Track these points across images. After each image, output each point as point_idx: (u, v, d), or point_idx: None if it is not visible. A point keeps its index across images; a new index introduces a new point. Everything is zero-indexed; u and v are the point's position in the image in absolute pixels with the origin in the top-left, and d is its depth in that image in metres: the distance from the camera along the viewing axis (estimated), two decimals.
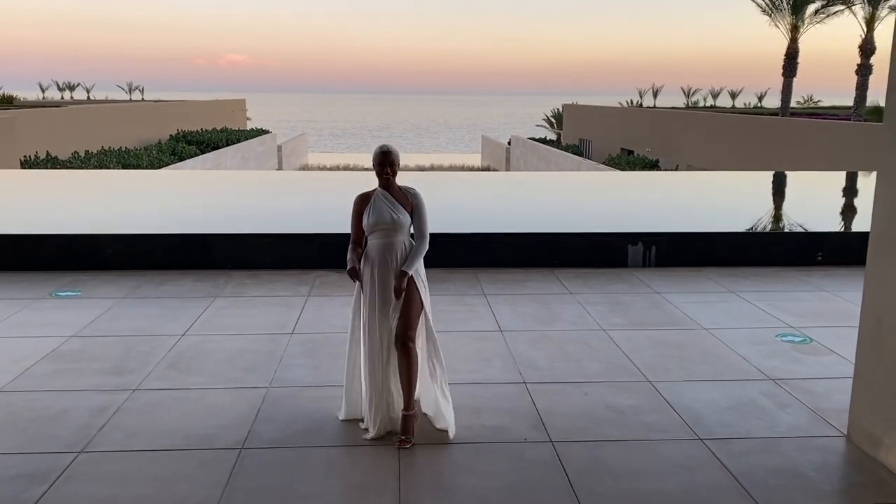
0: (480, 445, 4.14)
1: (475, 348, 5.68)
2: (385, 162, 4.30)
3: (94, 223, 9.10)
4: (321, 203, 11.08)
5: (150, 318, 6.35)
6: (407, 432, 4.14)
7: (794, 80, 34.27)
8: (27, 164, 25.61)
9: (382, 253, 4.26)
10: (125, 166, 28.58)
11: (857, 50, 29.84)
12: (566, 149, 43.04)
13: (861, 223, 9.33)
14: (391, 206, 4.29)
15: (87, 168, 26.67)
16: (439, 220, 9.74)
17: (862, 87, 30.03)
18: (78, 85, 68.68)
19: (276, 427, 4.34)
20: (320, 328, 6.12)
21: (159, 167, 29.59)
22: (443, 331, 5.98)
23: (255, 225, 9.03)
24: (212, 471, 3.85)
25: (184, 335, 5.92)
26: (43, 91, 68.77)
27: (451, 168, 50.82)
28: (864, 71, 29.87)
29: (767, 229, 9.69)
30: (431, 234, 8.75)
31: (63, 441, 4.14)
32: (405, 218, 4.28)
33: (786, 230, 9.57)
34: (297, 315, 6.45)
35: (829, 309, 6.78)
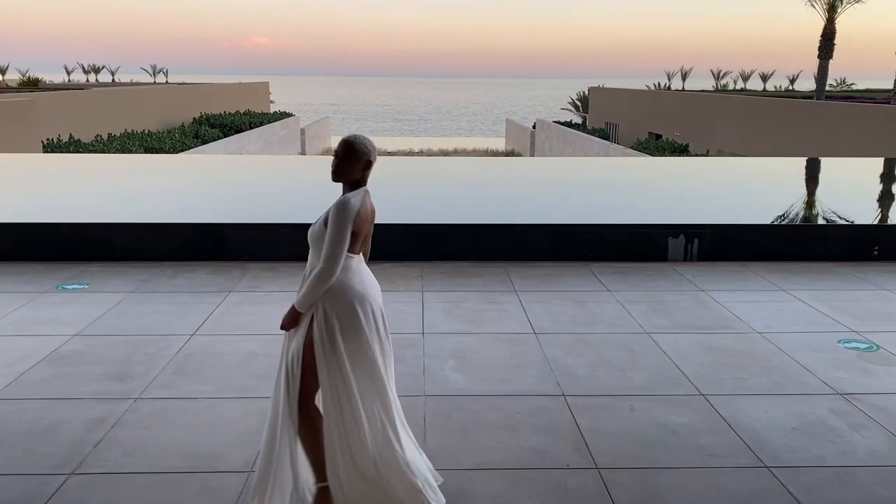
0: (517, 473, 3.67)
1: (507, 353, 5.21)
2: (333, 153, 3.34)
3: (106, 211, 8.73)
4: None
5: (159, 315, 5.95)
6: None
7: (830, 62, 33.25)
8: (49, 147, 25.46)
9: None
10: (147, 149, 28.39)
11: None
12: (592, 133, 42.22)
13: None
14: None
15: (108, 151, 26.49)
16: (465, 210, 9.35)
17: None
18: (103, 68, 68.81)
19: None
20: None
21: (182, 150, 29.37)
22: (471, 332, 5.55)
23: (273, 214, 8.60)
24: (215, 499, 3.43)
25: (193, 335, 5.51)
26: (68, 74, 69.03)
27: (475, 152, 50.22)
28: None
29: (816, 221, 9.09)
30: (457, 226, 8.36)
31: (53, 460, 3.74)
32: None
33: (836, 222, 8.94)
34: None
35: (894, 311, 6.21)
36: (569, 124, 48.93)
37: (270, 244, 7.72)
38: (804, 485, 3.57)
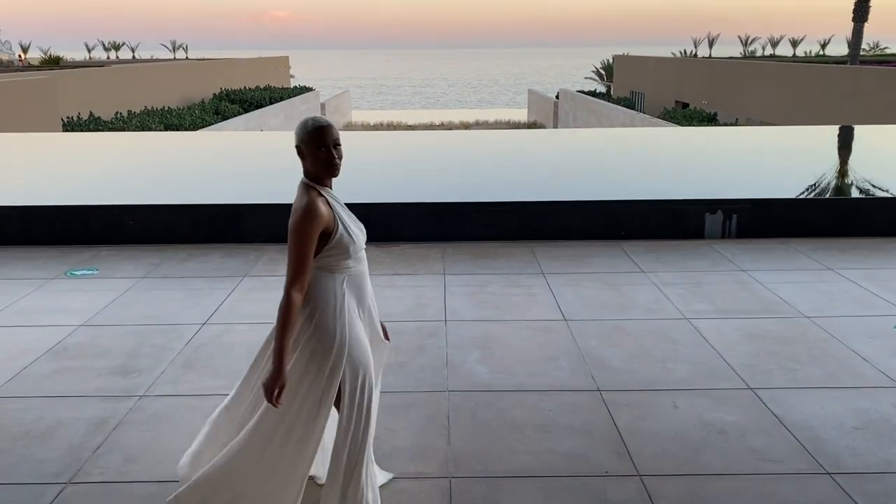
0: (551, 481, 3.34)
1: (536, 343, 4.86)
2: (335, 143, 2.79)
3: (119, 192, 8.47)
4: (360, 166, 10.28)
5: (170, 302, 5.68)
6: None
7: (865, 25, 32.07)
8: (69, 125, 25.36)
9: (364, 292, 2.95)
10: (167, 126, 28.22)
11: None
12: (617, 102, 41.35)
13: None
14: (350, 215, 2.93)
15: (128, 128, 26.35)
16: (488, 187, 8.96)
17: None
18: (123, 44, 68.57)
19: None
20: None
21: (202, 127, 29.16)
22: (497, 319, 5.22)
23: (288, 193, 8.28)
24: None
25: (205, 324, 5.23)
26: (89, 51, 68.87)
27: (497, 124, 49.53)
28: None
29: (858, 194, 8.57)
30: (480, 204, 7.98)
31: (50, 467, 3.47)
32: None
33: (881, 195, 8.42)
34: None
35: None
36: (593, 93, 48.01)
37: (287, 225, 7.39)
38: (872, 495, 3.20)
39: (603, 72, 56.49)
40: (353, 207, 7.43)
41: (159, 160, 11.08)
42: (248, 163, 10.79)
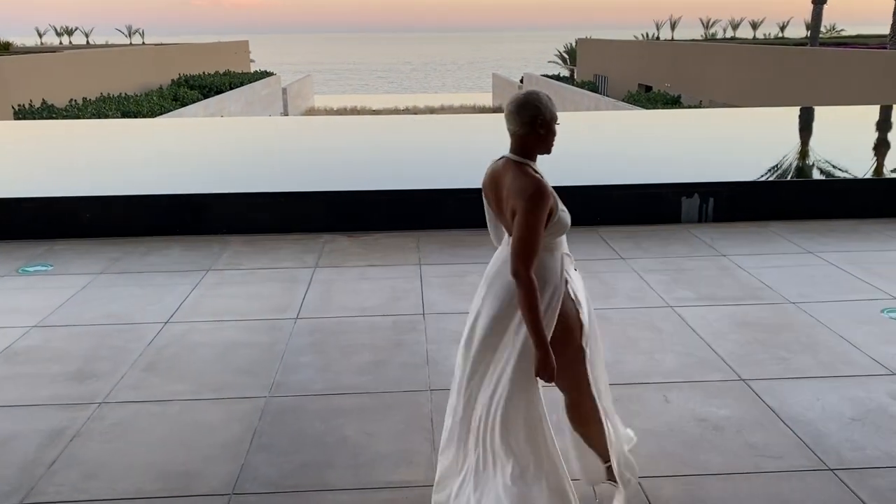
0: None
1: None
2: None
3: (75, 183, 8.06)
4: (327, 153, 9.96)
5: (129, 299, 5.36)
6: None
7: (825, 6, 32.44)
8: (21, 113, 24.46)
9: (570, 269, 2.82)
10: (124, 114, 27.40)
11: None
12: (581, 86, 41.37)
13: None
14: None
15: (83, 116, 25.50)
16: (459, 173, 8.71)
17: None
18: (76, 29, 66.61)
19: (277, 459, 3.36)
20: (330, 310, 5.11)
21: (160, 114, 28.39)
22: None
23: (254, 182, 7.96)
24: None
25: (167, 323, 4.93)
26: (40, 36, 66.80)
27: (462, 109, 49.24)
28: None
29: (828, 175, 8.53)
30: (453, 191, 7.75)
31: (1, 485, 3.18)
32: None
33: (853, 176, 8.39)
34: (303, 293, 5.44)
35: None
36: (557, 77, 47.97)
37: (251, 215, 7.10)
38: (878, 491, 3.07)
39: (566, 56, 56.44)
40: (322, 195, 7.14)
41: (116, 149, 10.62)
42: (209, 150, 10.40)
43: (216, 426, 3.64)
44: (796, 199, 7.46)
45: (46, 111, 25.49)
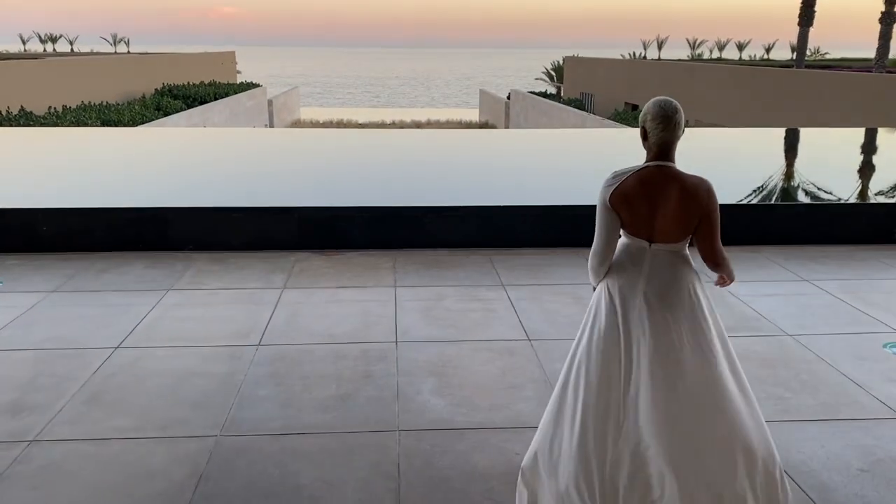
0: None
1: (498, 368, 4.32)
2: None
3: (34, 194, 7.65)
4: (303, 167, 9.62)
5: (79, 321, 4.96)
6: None
7: (811, 29, 32.59)
8: None
9: None
10: (105, 122, 26.88)
11: None
12: (568, 103, 41.26)
13: None
14: None
15: (62, 124, 24.98)
16: (444, 189, 8.41)
17: (886, 37, 28.27)
18: (60, 37, 65.96)
19: None
20: (295, 337, 4.74)
21: (142, 123, 27.91)
22: (454, 339, 4.66)
23: (225, 195, 7.59)
24: None
25: (117, 348, 4.54)
26: (24, 43, 66.12)
27: (449, 124, 49.06)
28: (888, 19, 28.11)
29: (823, 199, 8.28)
30: (433, 208, 7.42)
31: None
32: None
33: (846, 201, 8.15)
34: (268, 317, 5.07)
35: None
36: (544, 94, 47.90)
37: (220, 231, 6.72)
38: None
39: (553, 73, 56.50)
40: (295, 211, 6.76)
41: (83, 158, 10.21)
42: (181, 162, 10.01)
43: (156, 471, 3.25)
44: (789, 224, 7.20)
45: (24, 118, 24.97)
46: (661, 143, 2.60)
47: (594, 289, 2.84)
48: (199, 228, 6.71)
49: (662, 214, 2.58)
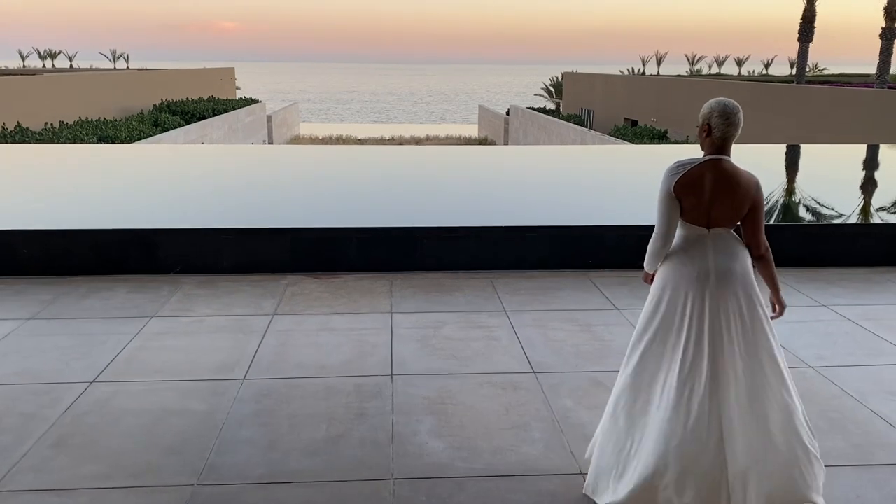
0: None
1: (501, 405, 4.01)
2: None
3: (14, 214, 7.36)
4: (300, 186, 9.34)
5: (54, 353, 4.65)
6: None
7: (811, 45, 32.53)
8: None
9: None
10: (101, 138, 26.66)
11: (881, 13, 27.91)
12: (567, 119, 41.13)
13: None
14: None
15: (57, 140, 24.75)
16: (443, 208, 8.13)
17: (886, 53, 28.14)
18: (60, 53, 65.98)
19: None
20: (283, 369, 4.43)
21: (139, 139, 27.68)
22: (454, 372, 4.35)
23: (215, 216, 7.29)
24: None
25: (92, 383, 4.23)
26: (23, 59, 66.13)
27: (448, 140, 48.94)
28: (888, 35, 27.98)
29: (838, 218, 8.00)
30: (432, 229, 7.14)
31: None
32: None
33: (861, 220, 7.87)
34: (256, 347, 4.76)
35: None
36: (543, 110, 47.81)
37: (210, 253, 6.43)
38: None
39: (552, 89, 56.49)
40: (288, 232, 6.45)
41: (70, 176, 9.92)
42: (172, 181, 9.72)
43: None
44: (802, 245, 6.90)
45: (20, 134, 24.74)
46: (724, 138, 2.89)
47: (647, 278, 3.15)
48: (188, 250, 6.41)
49: (721, 203, 2.86)
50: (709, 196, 2.85)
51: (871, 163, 12.42)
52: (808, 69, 53.91)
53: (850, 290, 6.06)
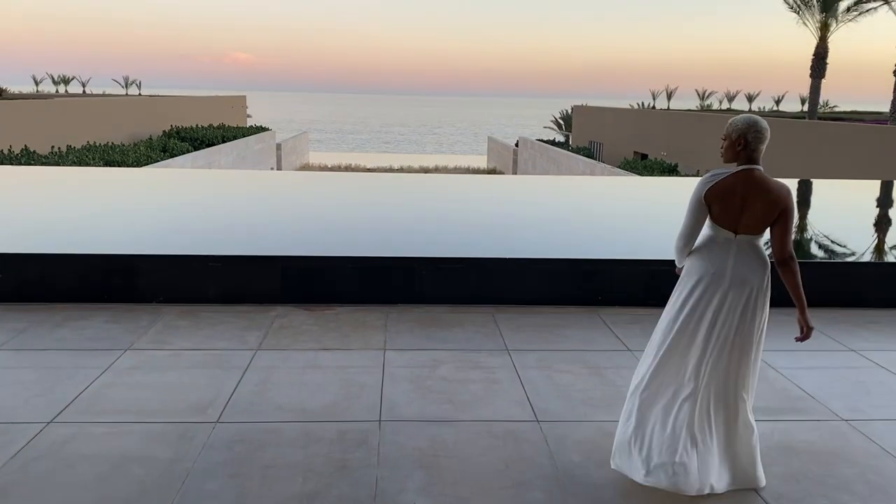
0: None
1: (500, 459, 3.58)
2: None
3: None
4: (294, 213, 9.00)
5: (13, 388, 4.27)
6: None
7: (823, 81, 32.35)
8: None
9: None
10: (108, 163, 26.55)
11: (895, 50, 27.69)
12: (577, 151, 40.93)
13: None
14: None
15: (63, 164, 24.62)
16: (443, 238, 7.75)
17: None
18: (73, 78, 66.57)
19: None
20: (261, 412, 4.02)
21: (147, 164, 27.56)
22: (449, 419, 3.94)
23: (203, 242, 6.93)
24: None
25: (50, 423, 3.84)
26: (37, 84, 66.70)
27: (456, 170, 48.78)
28: None
29: (861, 256, 7.59)
30: (432, 259, 6.80)
31: None
32: None
33: (887, 259, 7.45)
34: (234, 385, 4.36)
35: None
36: (552, 142, 47.70)
37: (194, 282, 6.06)
38: None
39: (562, 121, 56.50)
40: (278, 260, 6.06)
41: (56, 199, 9.61)
42: (162, 205, 9.37)
43: None
44: (825, 283, 6.48)
45: (27, 157, 24.64)
46: (757, 151, 3.12)
47: (677, 271, 3.44)
48: (172, 278, 6.05)
49: (751, 210, 3.09)
50: (740, 202, 3.08)
51: (882, 199, 12.01)
52: (820, 106, 53.82)
53: (880, 333, 5.64)
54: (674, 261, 3.48)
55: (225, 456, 3.53)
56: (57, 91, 64.51)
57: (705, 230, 3.21)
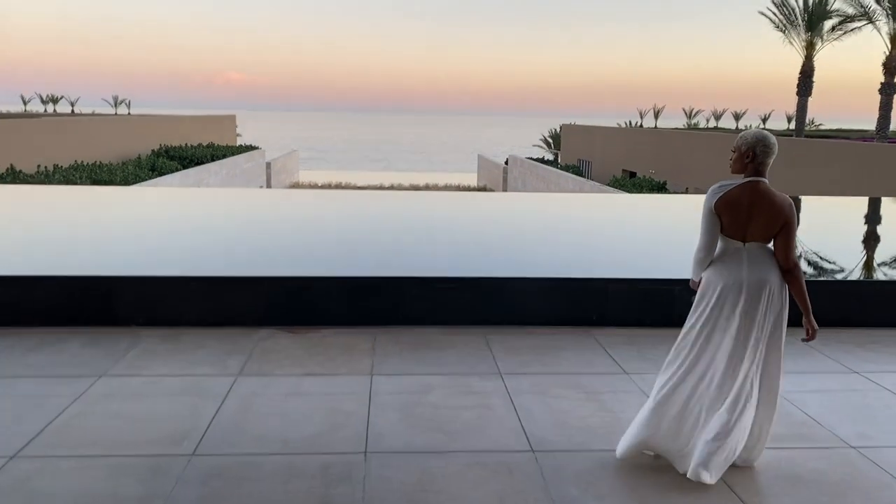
0: None
1: (494, 493, 3.38)
2: None
3: None
4: (279, 232, 8.79)
5: None
6: None
7: (809, 99, 32.58)
8: None
9: None
10: (95, 182, 26.28)
11: (880, 68, 27.90)
12: (566, 169, 40.96)
13: None
14: None
15: (49, 183, 24.34)
16: (434, 258, 7.56)
17: (886, 108, 28.03)
18: (62, 98, 66.31)
19: None
20: (240, 443, 3.80)
21: (135, 183, 27.31)
22: (439, 450, 3.73)
23: (184, 263, 6.72)
24: None
25: (13, 458, 3.60)
26: (25, 104, 66.39)
27: (447, 188, 48.70)
28: (888, 90, 27.90)
29: (860, 274, 7.45)
30: (422, 279, 6.62)
31: None
32: None
33: (881, 277, 7.32)
34: (212, 414, 4.14)
35: None
36: (541, 161, 47.74)
37: (175, 304, 5.84)
38: None
39: (550, 140, 56.63)
40: (263, 281, 5.84)
41: (33, 219, 9.37)
42: (143, 224, 9.13)
43: None
44: (825, 303, 6.31)
45: (11, 176, 24.36)
46: (764, 164, 3.29)
47: (693, 285, 3.56)
48: (152, 300, 5.83)
49: (756, 220, 3.26)
50: (746, 213, 3.25)
51: (871, 216, 11.93)
52: (805, 124, 54.17)
53: (883, 354, 5.48)
54: (672, 279, 3.52)
55: (199, 492, 3.31)
56: (45, 111, 64.19)
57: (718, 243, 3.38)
